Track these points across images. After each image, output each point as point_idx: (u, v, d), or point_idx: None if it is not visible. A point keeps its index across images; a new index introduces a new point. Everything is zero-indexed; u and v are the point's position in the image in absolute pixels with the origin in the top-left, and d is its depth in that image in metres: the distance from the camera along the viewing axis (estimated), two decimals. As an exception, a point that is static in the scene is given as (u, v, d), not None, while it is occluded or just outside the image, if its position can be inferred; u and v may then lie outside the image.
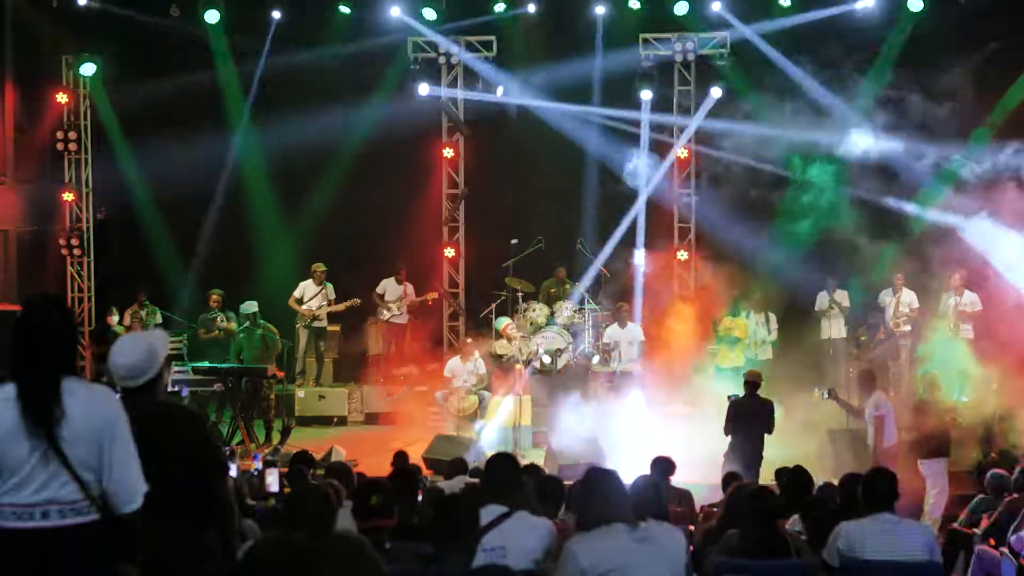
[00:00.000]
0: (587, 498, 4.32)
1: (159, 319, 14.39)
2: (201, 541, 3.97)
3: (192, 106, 16.03)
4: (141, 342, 4.13)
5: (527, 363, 12.95)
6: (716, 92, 14.92)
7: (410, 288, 14.87)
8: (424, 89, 15.23)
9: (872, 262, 14.15)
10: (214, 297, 13.90)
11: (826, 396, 10.68)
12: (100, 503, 3.35)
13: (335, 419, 14.01)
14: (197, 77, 15.45)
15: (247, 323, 12.86)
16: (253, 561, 4.13)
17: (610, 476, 4.42)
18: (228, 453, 8.40)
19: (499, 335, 13.92)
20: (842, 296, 14.22)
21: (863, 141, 13.92)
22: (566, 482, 6.28)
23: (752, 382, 10.09)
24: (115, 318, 14.40)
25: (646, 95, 15.09)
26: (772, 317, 14.14)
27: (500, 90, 15.24)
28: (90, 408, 3.34)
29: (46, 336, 3.37)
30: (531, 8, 15.10)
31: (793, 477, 6.90)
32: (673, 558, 4.18)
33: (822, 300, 14.41)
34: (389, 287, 14.82)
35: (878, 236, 14.05)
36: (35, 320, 3.39)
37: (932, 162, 14.07)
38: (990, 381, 11.19)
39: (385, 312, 14.74)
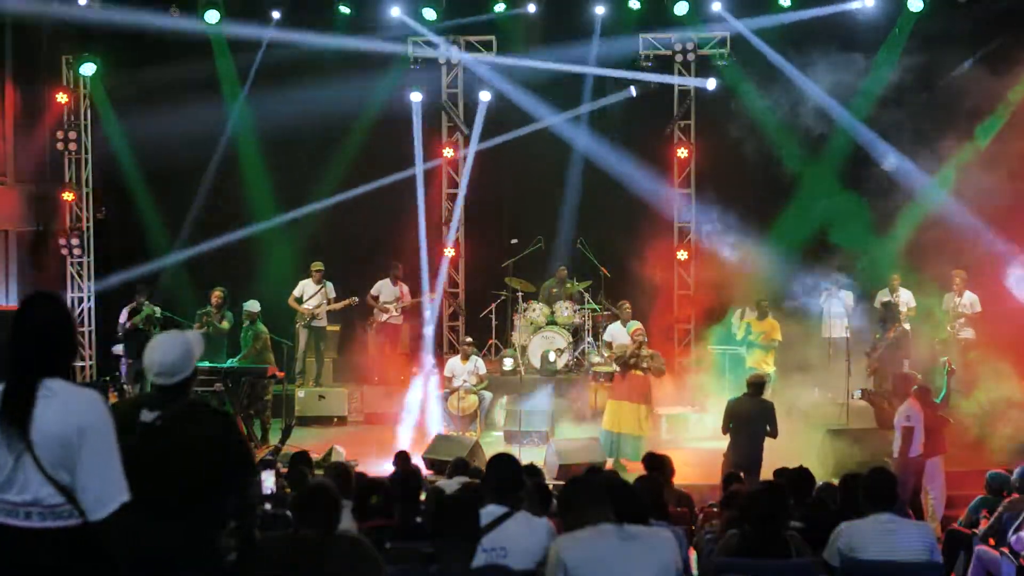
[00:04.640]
0: (571, 499, 4.34)
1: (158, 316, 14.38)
2: (213, 540, 3.96)
3: (192, 107, 16.02)
4: (178, 342, 4.11)
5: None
6: (711, 83, 14.92)
7: (405, 288, 14.79)
8: (416, 96, 15.32)
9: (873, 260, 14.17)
10: (216, 294, 13.81)
11: (859, 396, 10.64)
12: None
13: (335, 419, 13.98)
14: (197, 77, 15.43)
15: (247, 321, 12.85)
16: (260, 559, 4.13)
17: (593, 477, 4.46)
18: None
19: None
20: (845, 296, 14.20)
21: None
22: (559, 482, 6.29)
23: (754, 383, 10.09)
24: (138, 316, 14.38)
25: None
26: None
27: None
28: (68, 411, 3.26)
29: (34, 335, 3.32)
30: (531, 8, 15.05)
31: (794, 477, 6.90)
32: (661, 558, 4.17)
33: (824, 300, 14.38)
34: (384, 288, 14.72)
35: (879, 234, 14.05)
36: (25, 318, 3.35)
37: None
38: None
39: (383, 314, 14.69)
